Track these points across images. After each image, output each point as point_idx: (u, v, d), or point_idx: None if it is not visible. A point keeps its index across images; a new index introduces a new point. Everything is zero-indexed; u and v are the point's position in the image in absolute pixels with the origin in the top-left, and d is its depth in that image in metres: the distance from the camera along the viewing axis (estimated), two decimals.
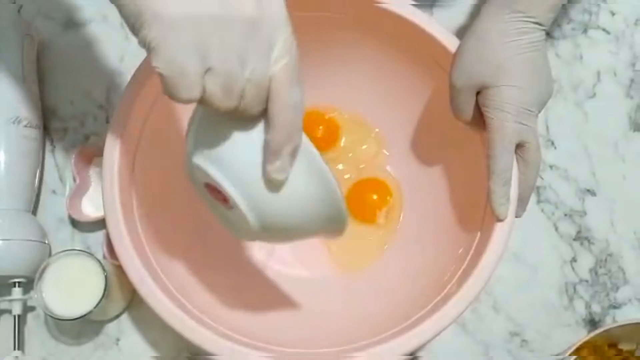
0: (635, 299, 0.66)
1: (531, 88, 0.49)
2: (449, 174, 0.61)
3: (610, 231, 0.67)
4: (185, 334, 0.50)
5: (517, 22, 0.49)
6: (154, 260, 0.54)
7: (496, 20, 0.49)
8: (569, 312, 0.65)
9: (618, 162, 0.69)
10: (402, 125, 0.65)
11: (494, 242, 0.50)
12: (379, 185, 0.66)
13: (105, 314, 0.63)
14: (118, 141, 0.54)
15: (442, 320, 0.49)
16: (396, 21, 0.56)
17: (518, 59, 0.49)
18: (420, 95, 0.62)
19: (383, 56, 0.62)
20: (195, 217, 0.62)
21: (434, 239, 0.60)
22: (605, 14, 0.73)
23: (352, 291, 0.62)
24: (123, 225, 0.52)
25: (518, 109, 0.49)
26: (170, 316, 0.50)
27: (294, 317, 0.60)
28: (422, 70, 0.60)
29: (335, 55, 0.63)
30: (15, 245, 0.60)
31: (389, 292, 0.60)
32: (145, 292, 0.51)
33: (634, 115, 0.70)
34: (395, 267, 0.62)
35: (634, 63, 0.71)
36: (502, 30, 0.49)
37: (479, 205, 0.53)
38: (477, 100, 0.51)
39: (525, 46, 0.49)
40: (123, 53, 0.71)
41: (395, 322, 0.52)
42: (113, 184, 0.53)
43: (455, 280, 0.51)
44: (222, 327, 0.51)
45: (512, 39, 0.49)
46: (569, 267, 0.66)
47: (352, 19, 0.59)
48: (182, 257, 0.58)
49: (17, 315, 0.61)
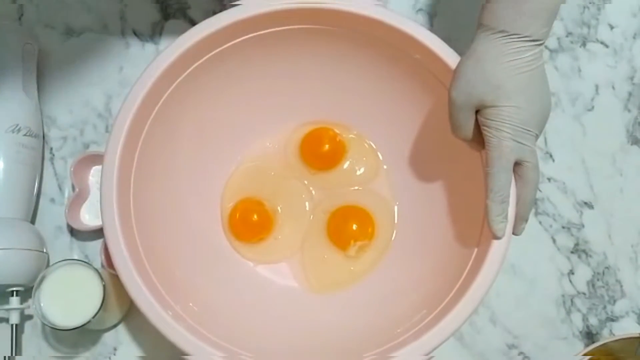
0: (632, 311, 0.66)
1: (530, 107, 0.50)
2: (447, 190, 0.61)
3: (607, 244, 0.67)
4: (180, 344, 0.50)
5: (513, 43, 0.49)
6: (150, 269, 0.54)
7: (493, 43, 0.50)
8: (566, 324, 0.65)
9: (616, 175, 0.69)
10: (400, 139, 0.65)
11: (490, 258, 0.51)
12: (364, 216, 0.65)
13: (102, 324, 0.62)
14: (117, 150, 0.54)
15: (439, 334, 0.49)
16: (396, 35, 0.57)
17: (516, 79, 0.49)
18: (419, 110, 0.62)
19: (382, 71, 0.62)
20: (191, 227, 0.63)
21: (431, 253, 0.60)
22: (604, 28, 0.73)
23: (346, 305, 0.62)
24: (120, 235, 0.52)
25: (516, 129, 0.49)
26: (165, 326, 0.50)
27: (291, 329, 0.60)
28: (422, 85, 0.60)
29: (333, 68, 0.63)
30: (13, 254, 0.60)
31: (382, 306, 0.60)
32: (141, 301, 0.51)
33: (631, 128, 0.71)
34: (390, 281, 0.62)
35: (632, 77, 0.72)
36: (500, 51, 0.49)
37: (476, 221, 0.54)
38: (477, 119, 0.52)
39: (523, 65, 0.49)
40: (122, 62, 0.71)
41: (389, 336, 0.52)
42: (111, 193, 0.53)
43: (452, 295, 0.52)
44: (216, 338, 0.52)
45: (509, 59, 0.49)
46: (566, 279, 0.66)
47: (351, 32, 0.59)
48: (179, 266, 0.58)
49: (14, 324, 0.61)
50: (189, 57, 0.57)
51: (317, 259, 0.64)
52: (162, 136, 0.59)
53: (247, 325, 0.58)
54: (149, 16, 0.73)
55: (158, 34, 0.72)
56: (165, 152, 0.60)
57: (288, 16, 0.57)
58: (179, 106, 0.59)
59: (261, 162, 0.67)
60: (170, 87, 0.57)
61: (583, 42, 0.73)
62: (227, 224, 0.65)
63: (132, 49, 0.72)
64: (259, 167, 0.67)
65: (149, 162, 0.58)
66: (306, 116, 0.67)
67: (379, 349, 0.51)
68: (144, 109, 0.56)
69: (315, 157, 0.67)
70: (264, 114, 0.65)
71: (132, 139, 0.55)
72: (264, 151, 0.67)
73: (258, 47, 0.59)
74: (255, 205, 0.66)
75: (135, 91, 0.55)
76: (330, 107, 0.66)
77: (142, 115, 0.56)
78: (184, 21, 0.73)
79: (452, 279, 0.53)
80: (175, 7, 0.73)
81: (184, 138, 0.62)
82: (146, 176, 0.57)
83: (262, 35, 0.58)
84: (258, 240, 0.65)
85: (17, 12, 0.73)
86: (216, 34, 0.56)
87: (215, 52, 0.58)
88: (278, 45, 0.60)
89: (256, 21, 0.57)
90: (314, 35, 0.59)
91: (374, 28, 0.57)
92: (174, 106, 0.59)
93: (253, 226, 0.65)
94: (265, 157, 0.67)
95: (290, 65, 0.63)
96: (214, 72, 0.59)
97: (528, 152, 0.50)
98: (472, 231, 0.54)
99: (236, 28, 0.57)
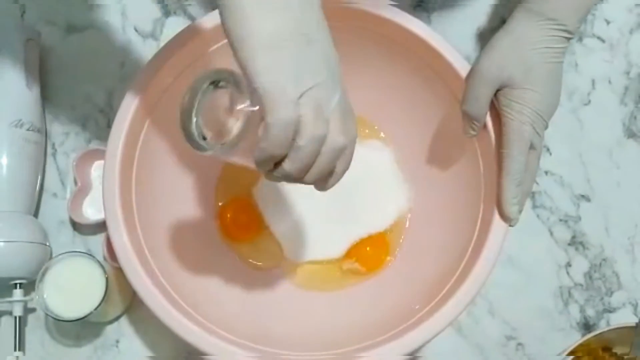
0: (629, 303, 0.66)
1: (548, 97, 0.51)
2: (453, 176, 0.62)
3: (604, 236, 0.68)
4: (182, 335, 0.51)
5: (550, 30, 0.50)
6: (153, 262, 0.55)
7: (535, 27, 0.50)
8: (564, 316, 0.66)
9: (612, 168, 0.70)
10: (411, 133, 0.65)
11: (488, 246, 0.51)
12: (382, 244, 0.65)
13: (105, 316, 0.63)
14: (120, 145, 0.54)
15: (439, 322, 0.50)
16: (404, 34, 0.58)
17: (546, 67, 0.50)
18: (427, 108, 0.63)
19: (391, 67, 0.62)
20: (194, 219, 0.63)
21: (437, 246, 0.61)
22: (601, 23, 0.74)
23: (352, 297, 0.63)
24: (123, 228, 0.53)
25: (535, 115, 0.50)
26: (168, 318, 0.51)
27: (293, 320, 0.60)
28: (425, 81, 0.60)
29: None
30: (16, 247, 0.61)
31: (385, 297, 0.61)
32: (144, 293, 0.51)
33: (628, 122, 0.71)
34: (397, 274, 0.63)
35: (628, 71, 0.72)
36: (540, 36, 0.50)
37: (476, 209, 0.54)
38: (496, 98, 0.52)
39: (554, 55, 0.50)
40: (124, 58, 0.72)
41: (392, 325, 0.53)
42: (114, 187, 0.54)
43: (451, 284, 0.52)
44: (218, 328, 0.52)
45: (544, 45, 0.50)
46: (563, 271, 0.67)
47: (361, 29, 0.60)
48: (181, 259, 0.59)
49: (18, 316, 0.62)
50: (188, 54, 0.57)
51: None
52: (163, 129, 0.59)
53: (252, 317, 0.59)
54: (150, 13, 0.73)
55: (159, 31, 0.73)
56: (167, 145, 0.60)
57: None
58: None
59: None
60: (170, 83, 0.58)
61: (580, 37, 0.73)
62: (220, 223, 0.65)
63: (134, 45, 0.73)
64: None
65: (152, 155, 0.58)
66: None
67: (384, 335, 0.52)
68: (145, 104, 0.56)
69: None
70: None
71: (134, 134, 0.56)
72: None
73: None
74: (245, 205, 0.66)
75: (136, 86, 0.56)
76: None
77: (144, 111, 0.57)
78: (185, 18, 0.73)
79: (453, 267, 0.54)
80: (175, 4, 0.73)
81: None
82: (149, 169, 0.58)
83: None
84: (252, 238, 0.65)
85: (20, 9, 0.73)
86: (217, 29, 0.57)
87: (216, 46, 0.58)
88: None
89: None
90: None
91: (377, 25, 0.58)
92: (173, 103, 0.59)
93: (243, 226, 0.65)
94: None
95: None
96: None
97: (538, 141, 0.51)
98: (471, 219, 0.55)
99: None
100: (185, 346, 0.51)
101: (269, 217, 0.65)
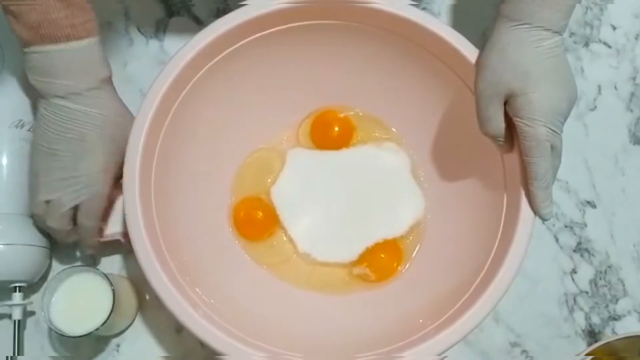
0: (634, 310, 0.66)
1: (557, 92, 0.50)
2: (470, 177, 0.62)
3: (610, 243, 0.68)
4: (200, 334, 0.51)
5: (531, 31, 0.50)
6: (170, 259, 0.55)
7: (516, 33, 0.50)
8: (569, 323, 0.65)
9: (618, 174, 0.70)
10: (428, 135, 0.65)
11: (507, 265, 0.52)
12: (396, 251, 0.64)
13: (111, 330, 0.62)
14: (140, 142, 0.55)
15: (445, 341, 0.50)
16: (412, 27, 0.58)
17: (542, 65, 0.50)
18: (437, 102, 0.63)
19: (399, 59, 0.62)
20: (208, 217, 0.64)
21: (451, 258, 0.60)
22: (607, 28, 0.73)
23: (373, 301, 0.63)
24: (143, 227, 0.53)
25: (547, 115, 0.50)
26: (183, 314, 0.51)
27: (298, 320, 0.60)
28: (436, 75, 0.61)
29: (349, 56, 0.64)
30: (15, 250, 0.60)
31: (406, 302, 0.60)
32: (155, 282, 0.52)
33: (633, 128, 0.71)
34: (413, 280, 0.63)
35: (634, 77, 0.72)
36: (523, 39, 0.50)
37: (498, 213, 0.54)
38: (506, 111, 0.52)
39: (547, 51, 0.50)
40: (127, 59, 0.71)
41: (394, 338, 0.53)
42: (134, 184, 0.54)
43: (472, 291, 0.52)
44: (233, 328, 0.52)
45: (533, 46, 0.50)
46: (569, 278, 0.67)
47: (356, 24, 0.60)
48: (195, 259, 0.59)
49: (17, 320, 0.61)
50: (203, 57, 0.58)
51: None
52: (179, 132, 0.59)
53: (265, 316, 0.59)
54: (153, 13, 0.73)
55: (162, 31, 0.72)
56: (181, 147, 0.60)
57: (305, 12, 0.58)
58: (194, 105, 0.60)
59: (270, 152, 0.68)
60: (186, 87, 0.59)
61: (586, 43, 0.73)
62: (233, 222, 0.65)
63: (136, 46, 0.72)
64: (268, 157, 0.67)
65: (167, 155, 0.58)
66: (317, 105, 0.68)
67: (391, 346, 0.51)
68: (163, 108, 0.57)
69: (325, 138, 0.67)
70: (275, 106, 0.66)
71: (153, 133, 0.56)
72: (276, 139, 0.68)
73: (273, 44, 0.60)
74: (258, 202, 0.66)
75: (153, 91, 0.56)
76: (336, 93, 0.67)
77: (162, 113, 0.57)
78: (188, 18, 0.73)
79: (473, 274, 0.54)
80: (179, 5, 0.73)
81: (198, 134, 0.62)
82: (165, 168, 0.58)
83: (271, 33, 0.59)
84: (266, 238, 0.65)
85: None
86: (227, 34, 0.57)
87: (229, 50, 0.59)
88: (295, 41, 0.61)
89: (273, 18, 0.58)
90: (324, 30, 0.60)
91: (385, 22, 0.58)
92: (190, 104, 0.60)
93: (257, 225, 0.65)
94: (276, 144, 0.68)
95: (300, 60, 0.63)
96: (226, 71, 0.60)
97: (557, 139, 0.51)
98: (493, 225, 0.55)
99: (246, 27, 0.58)
100: (185, 348, 0.50)
101: (285, 216, 0.65)
